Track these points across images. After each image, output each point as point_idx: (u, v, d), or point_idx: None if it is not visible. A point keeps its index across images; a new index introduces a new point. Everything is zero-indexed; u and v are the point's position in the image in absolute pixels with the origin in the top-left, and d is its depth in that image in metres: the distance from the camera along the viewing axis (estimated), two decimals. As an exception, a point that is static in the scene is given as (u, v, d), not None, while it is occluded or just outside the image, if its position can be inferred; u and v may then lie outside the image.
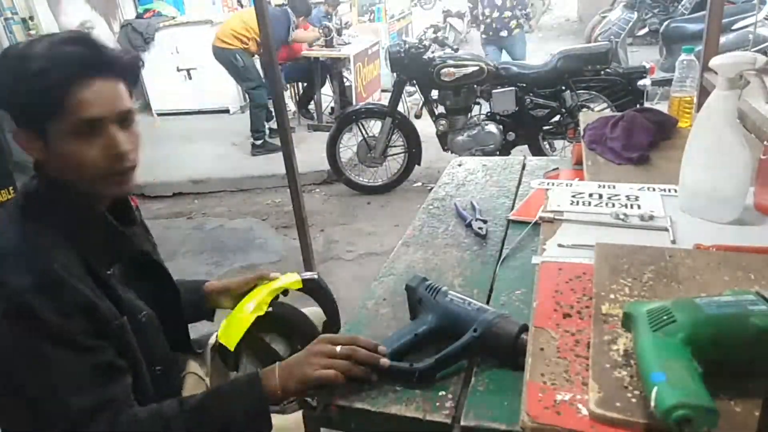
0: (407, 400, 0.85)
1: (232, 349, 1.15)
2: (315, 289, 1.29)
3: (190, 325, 1.27)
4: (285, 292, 1.27)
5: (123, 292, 0.99)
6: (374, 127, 4.24)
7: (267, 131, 5.07)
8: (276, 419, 1.11)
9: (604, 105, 3.81)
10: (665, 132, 1.61)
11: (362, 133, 4.17)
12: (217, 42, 4.88)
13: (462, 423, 0.80)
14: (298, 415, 0.92)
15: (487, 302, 1.07)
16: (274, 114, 3.36)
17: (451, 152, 4.04)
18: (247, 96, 5.42)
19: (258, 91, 4.92)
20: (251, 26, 4.61)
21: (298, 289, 1.27)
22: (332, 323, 1.31)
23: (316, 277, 1.30)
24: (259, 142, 5.04)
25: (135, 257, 1.08)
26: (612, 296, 0.88)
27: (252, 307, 1.19)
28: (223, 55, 4.92)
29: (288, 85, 5.81)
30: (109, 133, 0.91)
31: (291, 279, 1.27)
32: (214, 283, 1.30)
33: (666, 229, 1.14)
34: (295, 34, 5.10)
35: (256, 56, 4.92)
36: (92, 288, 0.91)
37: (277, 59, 2.70)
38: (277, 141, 3.51)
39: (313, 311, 1.37)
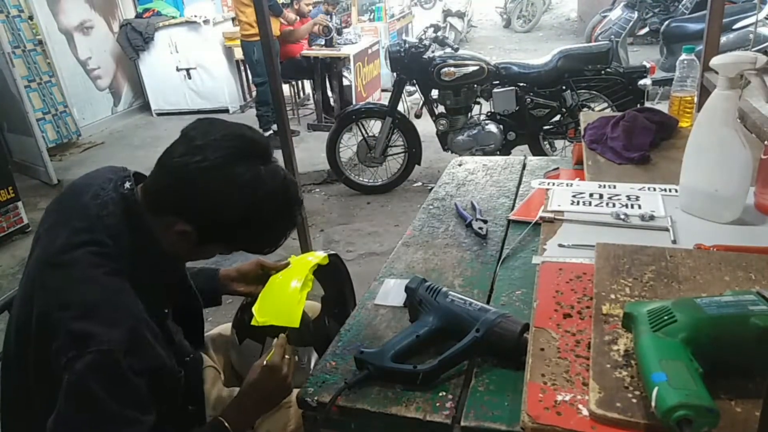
0: (407, 400, 0.85)
1: (298, 326, 1.15)
2: (337, 264, 1.34)
3: None
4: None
5: (175, 333, 1.04)
6: (374, 126, 4.23)
7: (274, 128, 5.09)
8: (276, 421, 1.12)
9: (605, 105, 3.80)
10: (666, 132, 1.61)
11: (362, 133, 4.16)
12: (243, 33, 4.97)
13: (462, 423, 0.80)
14: (298, 414, 0.92)
15: (488, 302, 1.07)
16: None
17: (451, 152, 4.03)
18: (250, 95, 5.40)
19: (262, 88, 4.94)
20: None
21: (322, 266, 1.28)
22: (349, 298, 1.39)
23: (334, 253, 1.33)
24: (267, 134, 5.07)
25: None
26: (612, 296, 0.88)
27: (298, 284, 1.19)
28: (245, 48, 4.98)
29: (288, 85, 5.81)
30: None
31: (318, 255, 1.27)
32: (228, 270, 1.32)
33: (666, 229, 1.14)
34: (285, 31, 5.12)
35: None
36: (161, 342, 0.93)
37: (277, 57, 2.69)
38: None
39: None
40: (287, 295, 1.18)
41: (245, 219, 0.92)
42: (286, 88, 5.62)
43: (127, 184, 0.96)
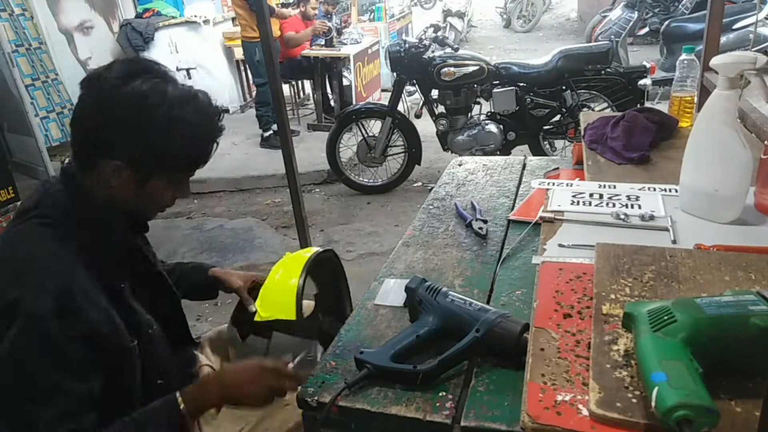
0: (407, 400, 0.85)
1: (295, 318, 1.19)
2: (332, 260, 1.38)
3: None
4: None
5: (135, 306, 1.02)
6: (374, 126, 4.23)
7: (274, 128, 5.10)
8: (276, 420, 1.12)
9: (605, 105, 3.80)
10: (666, 132, 1.61)
11: (362, 133, 4.17)
12: (243, 34, 4.96)
13: (462, 423, 0.80)
14: (298, 415, 0.92)
15: (488, 302, 1.07)
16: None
17: (451, 152, 4.03)
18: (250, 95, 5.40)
19: (263, 89, 4.95)
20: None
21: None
22: (344, 294, 1.42)
23: (330, 249, 1.39)
24: (267, 134, 5.07)
25: (143, 270, 1.13)
26: (612, 296, 0.88)
27: (296, 281, 1.22)
28: (247, 48, 4.99)
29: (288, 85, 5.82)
30: (187, 183, 1.03)
31: (313, 250, 1.32)
32: (218, 270, 1.35)
33: (666, 229, 1.14)
34: (288, 36, 5.13)
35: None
36: (106, 309, 0.93)
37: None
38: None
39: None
40: (286, 290, 1.21)
41: (167, 125, 0.91)
42: (286, 88, 5.62)
43: (67, 159, 0.99)
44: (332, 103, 5.70)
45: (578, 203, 1.28)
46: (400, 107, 4.15)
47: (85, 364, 0.88)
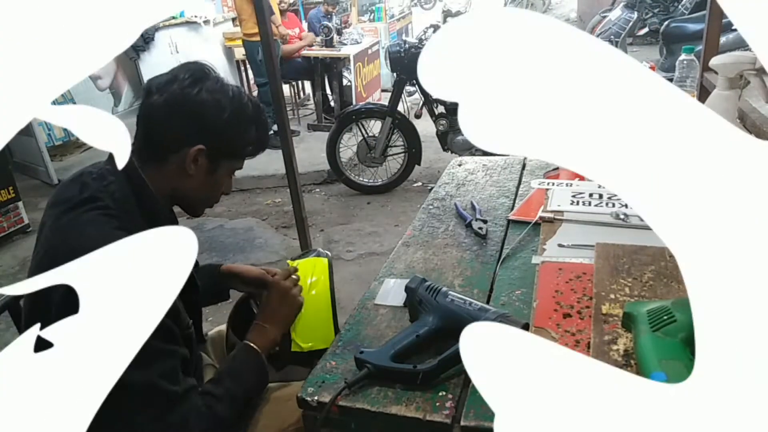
0: (407, 400, 0.85)
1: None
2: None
3: None
4: None
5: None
6: (374, 127, 4.23)
7: (274, 128, 5.09)
8: (277, 420, 1.12)
9: (604, 105, 3.80)
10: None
11: (362, 133, 4.17)
12: (245, 32, 4.94)
13: (462, 423, 0.80)
14: (299, 415, 0.92)
15: (487, 302, 1.07)
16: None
17: (451, 152, 4.03)
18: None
19: (264, 89, 4.94)
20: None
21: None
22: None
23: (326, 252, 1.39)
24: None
25: None
26: (612, 296, 0.88)
27: (328, 302, 1.25)
28: (248, 48, 4.97)
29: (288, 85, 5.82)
30: (231, 179, 1.15)
31: (322, 258, 1.33)
32: (231, 266, 1.35)
33: (666, 229, 1.14)
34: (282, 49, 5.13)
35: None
36: None
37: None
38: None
39: None
40: (321, 316, 1.23)
41: (234, 116, 1.03)
42: (286, 88, 5.62)
43: None
44: (332, 103, 5.70)
45: (578, 203, 1.28)
46: (400, 107, 4.15)
47: (176, 333, 0.96)
